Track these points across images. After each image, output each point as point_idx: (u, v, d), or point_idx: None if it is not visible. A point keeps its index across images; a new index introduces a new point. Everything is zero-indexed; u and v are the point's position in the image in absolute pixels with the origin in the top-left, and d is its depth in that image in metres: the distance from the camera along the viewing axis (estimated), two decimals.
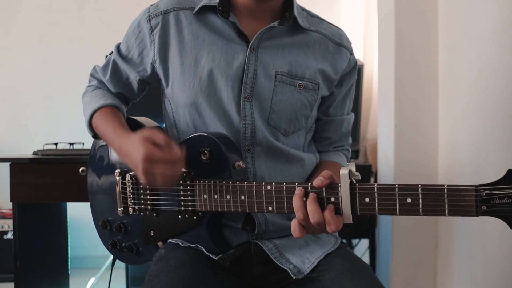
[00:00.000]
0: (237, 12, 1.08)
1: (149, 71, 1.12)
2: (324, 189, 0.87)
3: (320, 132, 1.20)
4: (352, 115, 1.24)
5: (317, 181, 0.87)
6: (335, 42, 1.13)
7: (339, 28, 1.17)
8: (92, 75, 1.24)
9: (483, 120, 1.39)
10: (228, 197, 0.96)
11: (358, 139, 2.21)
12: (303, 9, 1.14)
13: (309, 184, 0.89)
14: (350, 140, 1.26)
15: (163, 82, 1.12)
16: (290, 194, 0.90)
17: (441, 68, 1.70)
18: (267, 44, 1.07)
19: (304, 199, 0.88)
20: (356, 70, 1.18)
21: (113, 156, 1.16)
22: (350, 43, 1.17)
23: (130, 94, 1.21)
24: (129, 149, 0.98)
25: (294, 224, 0.89)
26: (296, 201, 0.88)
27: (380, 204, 0.82)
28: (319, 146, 1.21)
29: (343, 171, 0.84)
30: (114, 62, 1.17)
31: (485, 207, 0.75)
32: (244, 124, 1.05)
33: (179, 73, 1.07)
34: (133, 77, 1.15)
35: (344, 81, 1.16)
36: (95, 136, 1.17)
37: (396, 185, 0.81)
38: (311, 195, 0.87)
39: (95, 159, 1.21)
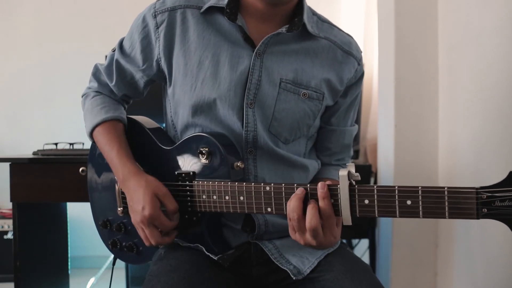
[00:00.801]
0: (246, 13, 1.05)
1: (155, 69, 1.09)
2: None
3: (321, 141, 1.17)
4: (356, 127, 1.20)
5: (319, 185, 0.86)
6: (344, 50, 1.10)
7: (349, 36, 1.13)
8: (94, 75, 1.20)
9: (483, 120, 1.38)
10: (227, 198, 0.96)
11: (358, 139, 2.21)
12: (314, 13, 1.11)
13: (308, 184, 0.88)
14: (352, 152, 1.22)
15: (167, 80, 1.10)
16: (289, 195, 0.89)
17: (441, 68, 1.69)
18: (273, 50, 1.04)
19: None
20: (362, 80, 1.14)
21: None
22: (360, 52, 1.13)
23: (135, 94, 1.18)
24: (136, 193, 1.00)
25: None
26: (295, 201, 0.86)
27: (379, 206, 0.81)
28: (321, 156, 1.18)
29: (342, 173, 0.83)
30: (117, 62, 1.13)
31: (486, 210, 0.74)
32: (246, 131, 1.03)
33: (182, 74, 1.05)
34: (139, 77, 1.12)
35: (349, 92, 1.12)
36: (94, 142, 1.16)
37: (396, 187, 0.80)
38: (313, 201, 0.86)
39: (95, 159, 1.21)
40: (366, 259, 2.11)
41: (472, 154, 1.45)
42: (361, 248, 2.34)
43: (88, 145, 1.28)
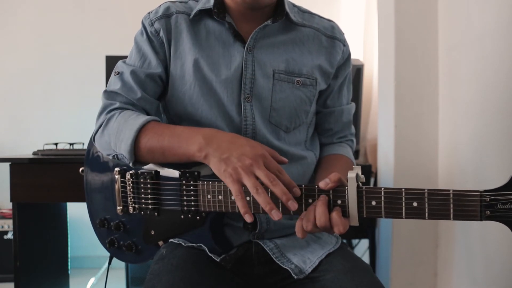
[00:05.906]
0: (231, 15, 1.09)
1: (166, 64, 1.10)
2: (331, 191, 0.87)
3: (322, 124, 1.21)
4: (353, 105, 1.24)
5: (323, 183, 0.87)
6: (328, 35, 1.15)
7: (330, 21, 1.18)
8: (107, 100, 1.09)
9: (483, 121, 1.39)
10: (233, 198, 0.95)
11: (358, 139, 2.21)
12: (294, 5, 1.16)
13: (316, 186, 0.89)
14: (353, 129, 1.27)
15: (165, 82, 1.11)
16: (296, 196, 0.89)
17: (441, 68, 1.70)
18: (263, 43, 1.09)
19: (310, 200, 0.89)
20: (350, 60, 1.19)
21: None
22: (342, 34, 1.18)
23: (158, 96, 1.12)
24: (236, 139, 0.92)
25: (298, 226, 0.89)
26: (322, 207, 0.86)
27: (386, 208, 0.83)
28: (322, 138, 1.22)
29: (351, 175, 0.85)
30: (134, 73, 1.07)
31: (489, 212, 0.77)
32: (245, 125, 1.06)
33: (179, 76, 1.08)
34: (160, 71, 1.09)
35: (339, 73, 1.17)
36: (135, 162, 1.01)
37: (403, 189, 0.82)
38: (322, 198, 0.87)
39: (93, 157, 1.21)
40: (366, 259, 2.11)
41: (472, 154, 1.45)
42: (361, 248, 2.34)
43: None
